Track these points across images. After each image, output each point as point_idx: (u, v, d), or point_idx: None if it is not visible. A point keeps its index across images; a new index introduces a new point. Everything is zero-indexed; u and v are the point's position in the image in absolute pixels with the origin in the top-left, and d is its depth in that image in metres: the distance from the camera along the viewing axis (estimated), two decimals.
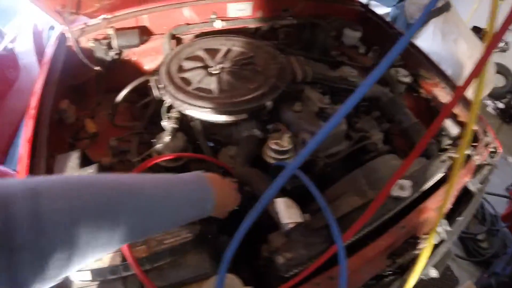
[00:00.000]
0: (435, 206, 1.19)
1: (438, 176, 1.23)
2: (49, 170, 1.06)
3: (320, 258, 0.89)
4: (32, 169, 1.04)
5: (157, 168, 1.17)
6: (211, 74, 1.19)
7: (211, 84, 1.16)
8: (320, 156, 1.12)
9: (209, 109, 1.07)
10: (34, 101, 1.17)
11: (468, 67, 2.56)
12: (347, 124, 1.22)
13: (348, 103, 0.58)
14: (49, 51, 1.37)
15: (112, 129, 1.41)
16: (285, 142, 1.05)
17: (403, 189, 1.12)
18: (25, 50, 2.49)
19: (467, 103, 1.44)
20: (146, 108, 1.38)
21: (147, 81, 1.34)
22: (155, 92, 1.27)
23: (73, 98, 1.41)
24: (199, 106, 1.08)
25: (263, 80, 1.18)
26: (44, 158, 1.06)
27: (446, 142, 1.43)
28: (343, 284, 0.88)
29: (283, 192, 0.97)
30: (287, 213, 0.90)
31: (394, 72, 1.67)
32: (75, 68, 1.48)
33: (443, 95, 1.72)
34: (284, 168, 0.67)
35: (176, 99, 1.12)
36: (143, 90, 1.42)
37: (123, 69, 1.55)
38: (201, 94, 1.12)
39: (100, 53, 1.49)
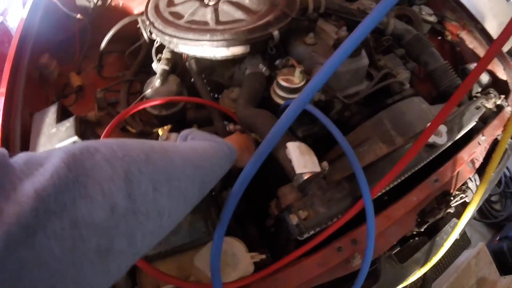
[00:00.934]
0: (468, 158, 1.00)
1: (472, 123, 1.03)
2: (26, 130, 0.92)
3: (343, 217, 0.73)
4: (8, 129, 0.90)
5: (147, 118, 0.99)
6: (206, 5, 0.98)
7: (207, 15, 0.95)
8: (338, 97, 0.92)
9: (205, 42, 0.87)
10: (8, 61, 1.00)
11: (489, 19, 2.27)
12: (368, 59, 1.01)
13: (367, 21, 0.45)
14: (27, 3, 1.18)
15: (101, 83, 1.23)
16: (297, 78, 0.85)
17: (438, 135, 0.93)
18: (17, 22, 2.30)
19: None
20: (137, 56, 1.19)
21: (136, 24, 1.14)
22: (144, 34, 1.07)
23: (57, 55, 1.24)
24: (192, 39, 0.87)
25: (269, 7, 0.96)
26: (19, 118, 0.92)
27: (476, 89, 1.28)
28: (370, 248, 0.72)
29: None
30: (302, 161, 0.70)
31: (418, 9, 1.43)
32: (57, 21, 1.28)
33: (470, 39, 1.50)
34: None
35: (165, 35, 0.92)
36: (134, 38, 1.22)
37: (109, 17, 1.34)
38: (194, 27, 0.92)
39: (81, 0, 1.28)
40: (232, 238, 0.69)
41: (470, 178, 1.03)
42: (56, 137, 0.83)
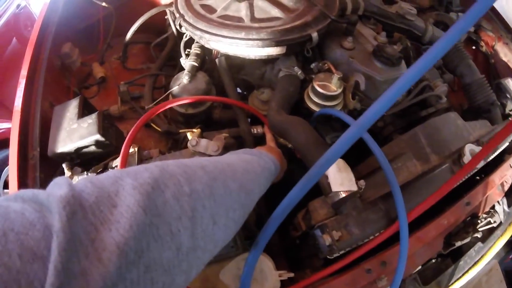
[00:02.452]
0: (499, 181, 0.93)
1: (506, 144, 0.95)
2: (46, 119, 0.86)
3: (375, 238, 0.66)
4: (27, 115, 0.85)
5: (173, 115, 0.92)
6: (240, 0, 0.89)
7: (241, 10, 0.87)
8: None
9: (238, 41, 0.79)
10: (30, 47, 0.93)
11: None
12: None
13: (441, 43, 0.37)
14: None
15: (124, 74, 1.16)
16: (334, 85, 0.77)
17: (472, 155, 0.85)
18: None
19: None
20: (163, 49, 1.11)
21: (164, 15, 1.06)
22: (173, 27, 0.99)
23: (80, 43, 1.17)
24: (225, 36, 0.79)
25: (307, 6, 0.87)
26: (39, 105, 0.87)
27: (511, 106, 1.17)
28: (400, 272, 0.66)
29: None
30: (339, 178, 0.64)
31: (455, 16, 1.32)
32: (80, 8, 1.21)
33: (505, 51, 1.39)
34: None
35: (196, 29, 0.84)
36: (160, 29, 1.15)
37: (135, 6, 1.26)
38: (228, 23, 0.84)
39: None
40: (261, 254, 0.62)
41: (498, 202, 0.95)
42: (77, 134, 0.77)
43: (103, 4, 1.18)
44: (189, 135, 0.69)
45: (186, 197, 0.31)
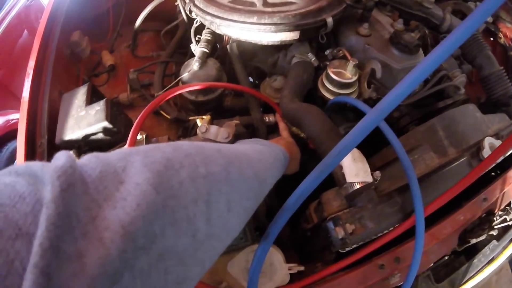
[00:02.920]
0: None
1: None
2: (55, 109, 0.85)
3: (389, 232, 0.63)
4: (35, 106, 0.84)
5: (183, 103, 0.89)
6: None
7: None
8: None
9: (251, 26, 0.75)
10: (37, 37, 0.91)
11: None
12: None
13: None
14: None
15: (134, 62, 1.13)
16: (349, 73, 0.73)
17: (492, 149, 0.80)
18: None
19: None
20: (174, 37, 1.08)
21: (174, 2, 1.02)
22: (183, 13, 0.95)
23: (89, 32, 1.15)
24: (237, 21, 0.76)
25: None
26: (47, 95, 0.86)
27: None
28: (414, 269, 0.63)
29: None
30: (354, 168, 0.60)
31: (473, 6, 1.25)
32: None
33: None
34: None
35: (206, 14, 0.80)
36: (171, 16, 1.11)
37: None
38: (240, 7, 0.80)
39: None
40: (271, 247, 0.59)
41: None
42: (85, 121, 0.75)
43: None
44: (198, 122, 0.66)
45: (202, 179, 0.27)
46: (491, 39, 1.37)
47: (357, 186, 0.59)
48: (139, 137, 0.71)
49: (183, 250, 0.24)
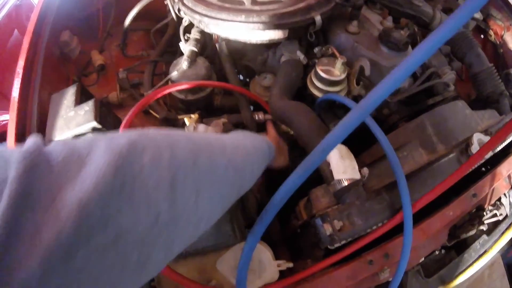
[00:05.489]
0: (506, 173, 0.88)
1: None
2: (44, 110, 0.85)
3: (378, 229, 0.64)
4: (25, 108, 0.83)
5: (172, 101, 0.89)
6: None
7: None
8: None
9: (239, 24, 0.75)
10: (27, 37, 0.90)
11: None
12: None
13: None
14: None
15: (124, 62, 1.13)
16: (338, 70, 0.73)
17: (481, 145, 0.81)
18: None
19: None
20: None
21: (164, 0, 1.02)
22: (172, 12, 0.95)
23: (79, 32, 1.15)
24: (225, 20, 0.76)
25: None
26: (36, 97, 0.85)
27: None
28: (403, 265, 0.63)
29: None
30: (341, 165, 0.60)
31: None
32: None
33: None
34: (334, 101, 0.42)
35: (195, 13, 0.80)
36: (161, 15, 1.11)
37: None
38: (228, 6, 0.80)
39: None
40: (259, 244, 0.59)
41: (504, 194, 0.92)
42: (74, 121, 0.75)
43: None
44: (186, 121, 0.66)
45: (165, 162, 0.28)
46: (482, 36, 1.38)
47: (345, 183, 0.60)
48: None
49: (144, 232, 0.25)
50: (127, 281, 0.25)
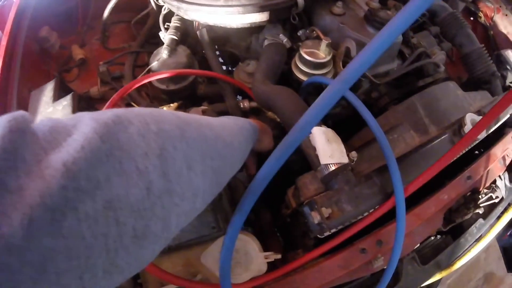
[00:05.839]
0: (501, 155, 0.86)
1: (507, 116, 0.89)
2: (25, 107, 0.84)
3: (369, 215, 0.61)
4: (4, 106, 0.83)
5: (155, 92, 0.86)
6: None
7: None
8: (367, 75, 0.77)
9: (218, 9, 0.72)
10: (5, 35, 0.91)
11: None
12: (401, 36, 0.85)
13: None
14: None
15: (106, 55, 1.09)
16: (323, 52, 0.70)
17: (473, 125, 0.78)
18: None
19: None
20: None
21: None
22: (151, 0, 0.91)
23: (58, 27, 1.12)
24: (203, 5, 0.72)
25: None
26: (15, 94, 0.84)
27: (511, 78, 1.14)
28: (397, 252, 0.61)
29: None
30: (328, 149, 0.57)
31: None
32: None
33: (504, 24, 1.32)
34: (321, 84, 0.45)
35: (173, 0, 0.76)
36: (142, 6, 1.07)
37: None
38: None
39: None
40: (245, 235, 0.57)
41: (499, 176, 0.90)
42: (53, 117, 0.72)
43: None
44: (165, 108, 0.63)
45: (152, 134, 0.27)
46: (471, 18, 1.36)
47: (332, 168, 0.57)
48: None
49: (136, 202, 0.24)
50: (128, 254, 0.25)
